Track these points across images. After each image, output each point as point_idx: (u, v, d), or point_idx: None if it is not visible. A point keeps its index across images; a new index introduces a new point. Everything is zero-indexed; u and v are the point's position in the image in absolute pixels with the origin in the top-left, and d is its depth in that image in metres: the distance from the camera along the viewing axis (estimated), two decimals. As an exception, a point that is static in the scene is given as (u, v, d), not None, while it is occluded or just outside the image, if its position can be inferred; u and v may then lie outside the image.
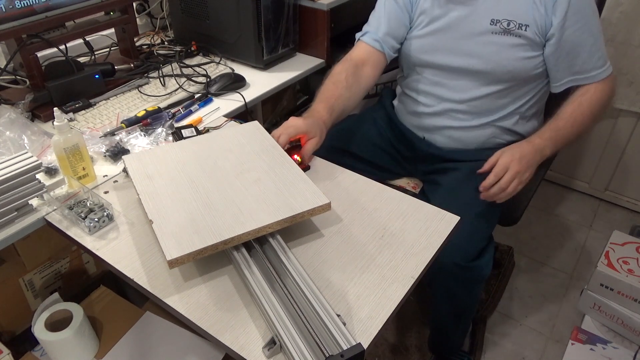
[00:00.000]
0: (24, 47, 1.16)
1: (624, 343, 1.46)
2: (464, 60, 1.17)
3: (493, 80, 1.17)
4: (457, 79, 1.20)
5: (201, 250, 0.74)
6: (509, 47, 1.12)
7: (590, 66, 1.13)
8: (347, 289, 0.77)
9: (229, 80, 1.34)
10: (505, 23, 1.11)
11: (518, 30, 1.10)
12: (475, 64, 1.16)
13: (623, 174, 2.02)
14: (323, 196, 0.84)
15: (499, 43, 1.12)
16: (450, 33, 1.17)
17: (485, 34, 1.13)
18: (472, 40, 1.15)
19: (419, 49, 1.24)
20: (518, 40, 1.11)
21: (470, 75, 1.18)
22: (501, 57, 1.13)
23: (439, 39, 1.19)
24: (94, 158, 1.07)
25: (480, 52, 1.15)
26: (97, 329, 1.11)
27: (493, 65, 1.14)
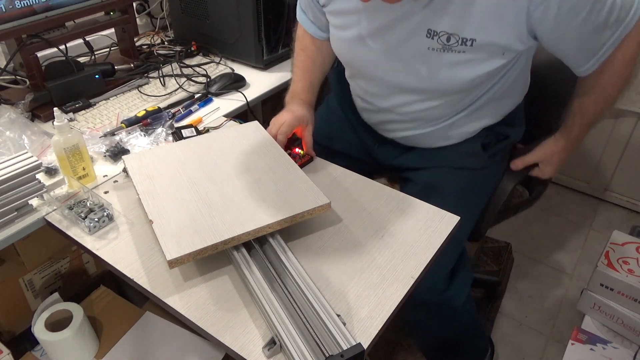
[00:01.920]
0: (24, 47, 1.16)
1: (624, 343, 1.46)
2: (394, 75, 0.98)
3: (435, 96, 0.99)
4: (390, 91, 1.03)
5: (201, 250, 0.74)
6: (448, 65, 0.91)
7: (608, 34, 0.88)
8: (347, 289, 0.77)
9: (229, 80, 1.34)
10: (444, 37, 0.88)
11: (460, 45, 0.88)
12: (411, 80, 0.97)
13: (623, 174, 2.02)
14: (323, 196, 0.84)
15: (437, 61, 0.91)
16: (375, 42, 0.96)
17: (421, 48, 0.91)
18: (404, 53, 0.94)
19: (340, 54, 1.07)
20: (462, 56, 0.90)
21: (404, 90, 1.01)
22: (443, 76, 0.93)
23: (363, 49, 0.98)
24: (94, 158, 1.07)
25: (416, 69, 0.94)
26: (97, 329, 1.11)
27: (433, 85, 0.96)
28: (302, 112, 1.06)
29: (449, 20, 0.87)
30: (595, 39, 0.89)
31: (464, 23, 0.87)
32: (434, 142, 1.11)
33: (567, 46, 0.92)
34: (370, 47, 0.97)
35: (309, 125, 1.06)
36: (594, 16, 0.85)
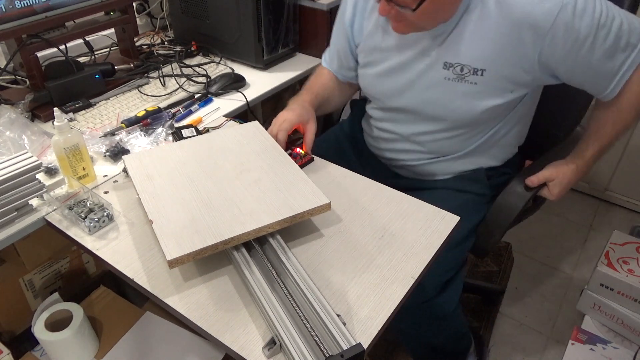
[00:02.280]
0: (24, 47, 1.16)
1: (624, 343, 1.46)
2: (415, 104, 1.07)
3: (449, 127, 1.07)
4: (410, 120, 1.11)
5: (201, 250, 0.74)
6: (463, 95, 0.99)
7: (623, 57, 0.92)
8: (347, 289, 0.77)
9: (229, 80, 1.34)
10: (458, 68, 0.97)
11: (472, 76, 0.97)
12: (428, 109, 1.06)
13: (623, 174, 2.02)
14: (323, 196, 0.84)
15: (452, 90, 1.00)
16: (399, 76, 1.07)
17: (437, 79, 1.01)
18: (423, 85, 1.03)
19: (367, 89, 1.16)
20: (474, 87, 0.98)
21: (423, 119, 1.09)
22: (456, 105, 1.01)
23: (388, 81, 1.09)
24: (94, 158, 1.07)
25: (434, 99, 1.04)
26: (97, 329, 1.11)
27: (448, 112, 1.04)
28: (303, 111, 1.06)
29: (462, 53, 0.97)
30: (610, 64, 0.93)
31: (475, 55, 0.96)
32: (440, 173, 1.17)
33: (582, 74, 0.96)
34: (395, 80, 1.08)
35: (311, 123, 1.06)
36: (600, 42, 0.89)
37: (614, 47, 0.90)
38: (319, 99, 1.16)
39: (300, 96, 1.15)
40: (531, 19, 0.88)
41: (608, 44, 0.90)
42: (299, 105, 1.09)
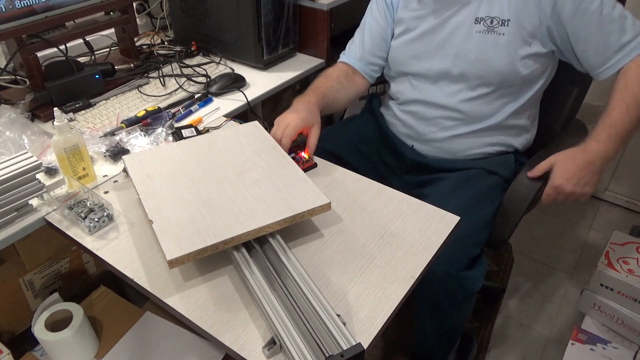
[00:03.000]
0: (24, 47, 1.16)
1: (624, 343, 1.46)
2: (448, 62, 1.13)
3: (479, 83, 1.12)
4: (443, 84, 1.17)
5: (201, 250, 0.74)
6: (493, 45, 1.07)
7: (625, 39, 1.01)
8: (347, 289, 0.77)
9: (229, 80, 1.34)
10: (488, 21, 1.07)
11: (500, 27, 1.06)
12: (461, 65, 1.12)
13: (623, 174, 2.02)
14: (323, 196, 0.84)
15: (483, 42, 1.08)
16: (432, 37, 1.14)
17: (470, 33, 1.09)
18: (456, 40, 1.11)
19: (401, 58, 1.22)
20: (502, 38, 1.06)
21: (456, 79, 1.14)
22: (487, 56, 1.09)
23: (422, 44, 1.16)
24: (94, 158, 1.07)
25: (465, 53, 1.11)
26: (97, 329, 1.11)
27: (479, 65, 1.10)
28: (307, 114, 1.05)
29: (492, 5, 1.06)
30: (614, 35, 1.01)
31: (503, 6, 1.05)
32: (469, 148, 1.18)
33: (587, 37, 1.02)
34: (429, 42, 1.15)
35: (315, 127, 1.05)
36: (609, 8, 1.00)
37: (620, 20, 1.00)
38: (324, 101, 1.16)
39: (305, 96, 1.14)
40: None
41: (615, 13, 1.00)
42: (305, 107, 1.08)
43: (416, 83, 1.21)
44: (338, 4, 1.50)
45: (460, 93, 1.15)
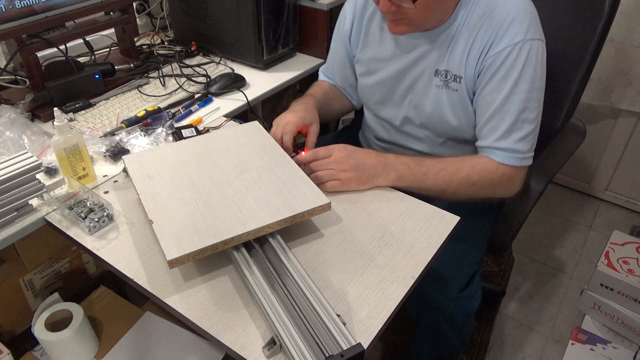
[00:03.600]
0: (24, 47, 1.16)
1: (624, 343, 1.46)
2: (410, 111, 1.10)
3: (442, 136, 1.09)
4: (409, 129, 1.14)
5: (201, 251, 0.74)
6: (448, 101, 1.03)
7: (504, 144, 0.97)
8: (347, 289, 0.77)
9: (229, 80, 1.34)
10: (444, 75, 1.01)
11: (453, 82, 1.01)
12: (421, 116, 1.09)
13: (623, 174, 2.02)
14: (323, 196, 0.84)
15: (439, 97, 1.03)
16: (395, 84, 1.10)
17: (428, 86, 1.04)
18: (417, 91, 1.07)
19: (367, 101, 1.20)
20: (456, 94, 1.01)
21: (419, 127, 1.11)
22: (443, 112, 1.04)
23: (384, 91, 1.12)
24: (94, 158, 1.07)
25: (423, 106, 1.07)
26: (97, 329, 1.11)
27: (435, 119, 1.06)
28: (305, 112, 1.06)
29: (449, 58, 1.00)
30: (503, 123, 0.96)
31: (456, 61, 0.99)
32: None
33: (477, 105, 1.00)
34: (392, 89, 1.11)
35: (314, 125, 1.06)
36: (516, 95, 0.94)
37: (517, 116, 0.95)
38: (321, 104, 1.16)
39: (302, 99, 1.16)
40: (499, 35, 0.93)
41: (516, 103, 0.94)
42: (302, 106, 1.08)
43: (386, 125, 1.19)
44: (338, 4, 1.50)
45: (426, 139, 1.13)
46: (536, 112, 0.97)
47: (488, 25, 0.94)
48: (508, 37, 0.92)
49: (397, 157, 0.97)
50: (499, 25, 0.93)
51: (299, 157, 0.97)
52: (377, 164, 0.95)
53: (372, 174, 0.95)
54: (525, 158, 0.98)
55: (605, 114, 1.94)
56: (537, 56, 0.93)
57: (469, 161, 0.98)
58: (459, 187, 0.97)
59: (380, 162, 0.96)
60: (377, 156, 0.96)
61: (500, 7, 0.93)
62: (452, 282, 1.03)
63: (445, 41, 1.00)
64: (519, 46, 0.92)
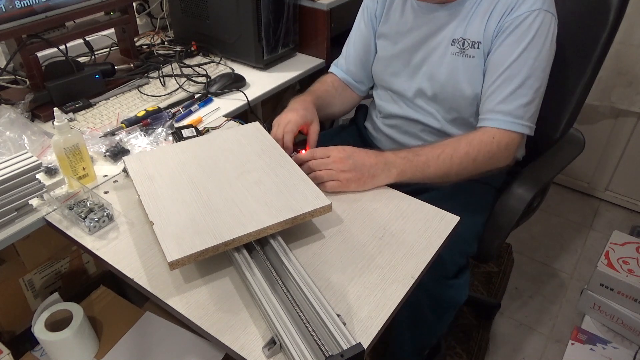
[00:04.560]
0: (24, 47, 1.16)
1: (624, 343, 1.46)
2: (424, 83, 1.11)
3: (452, 107, 1.10)
4: (420, 103, 1.14)
5: (202, 252, 0.74)
6: (463, 69, 1.04)
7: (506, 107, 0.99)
8: (347, 289, 0.77)
9: (229, 80, 1.34)
10: (461, 42, 1.04)
11: (471, 49, 1.03)
12: (434, 87, 1.10)
13: (623, 174, 2.02)
14: (324, 197, 0.84)
15: (454, 64, 1.05)
16: (411, 55, 1.12)
17: (444, 55, 1.06)
18: (432, 61, 1.09)
19: (381, 74, 1.20)
20: (473, 61, 1.03)
21: (431, 99, 1.12)
22: (457, 79, 1.05)
23: (401, 62, 1.14)
24: (94, 158, 1.07)
25: (438, 74, 1.08)
26: (97, 329, 1.11)
27: (448, 88, 1.07)
28: (306, 112, 1.06)
29: (468, 28, 1.03)
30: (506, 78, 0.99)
31: (475, 28, 1.02)
32: None
33: (488, 65, 1.03)
34: (408, 60, 1.13)
35: (314, 124, 1.06)
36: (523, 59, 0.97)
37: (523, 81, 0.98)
38: (320, 102, 1.16)
39: (302, 96, 1.15)
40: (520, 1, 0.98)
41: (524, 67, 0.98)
42: (301, 105, 1.08)
43: (397, 98, 1.20)
44: (338, 4, 1.50)
45: (437, 114, 1.13)
46: (540, 82, 1.00)
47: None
48: (528, 4, 0.97)
49: (395, 153, 0.98)
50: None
51: (298, 156, 0.97)
52: (377, 164, 0.95)
53: (373, 174, 0.95)
54: (524, 125, 1.01)
55: (605, 114, 1.94)
56: (549, 28, 0.98)
57: (464, 139, 1.00)
58: (460, 166, 0.98)
59: (380, 161, 0.96)
60: (376, 156, 0.96)
61: None
62: (442, 265, 1.00)
63: (463, 13, 1.03)
64: (536, 13, 0.96)
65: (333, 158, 0.94)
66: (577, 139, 1.21)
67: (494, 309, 1.62)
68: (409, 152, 0.98)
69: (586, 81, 1.14)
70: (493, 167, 1.02)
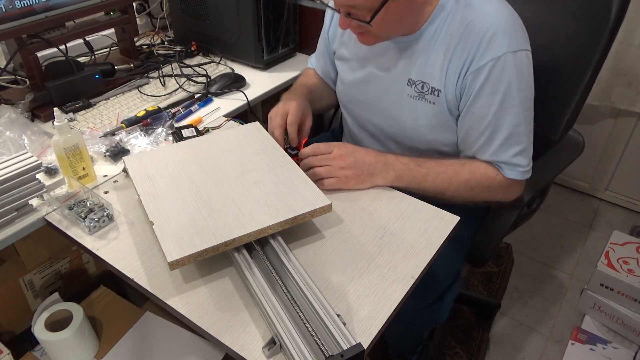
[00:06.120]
0: (24, 47, 1.16)
1: (624, 343, 1.46)
2: (382, 120, 1.07)
3: (415, 147, 1.05)
4: (382, 139, 1.11)
5: (202, 252, 0.74)
6: (423, 114, 0.98)
7: (503, 157, 0.95)
8: (347, 289, 0.77)
9: (229, 80, 1.34)
10: (419, 86, 0.97)
11: (431, 95, 0.96)
12: (394, 127, 1.05)
13: (623, 174, 2.02)
14: (324, 197, 0.84)
15: (414, 108, 0.99)
16: (367, 88, 1.06)
17: (401, 96, 1.00)
18: (389, 100, 1.03)
19: (343, 99, 1.16)
20: (433, 107, 0.97)
21: (391, 139, 1.08)
22: (418, 124, 1.00)
23: (358, 92, 1.09)
24: (94, 158, 1.07)
25: (397, 115, 1.03)
26: (97, 329, 1.11)
27: (410, 132, 1.02)
28: (304, 103, 1.04)
29: (424, 69, 0.95)
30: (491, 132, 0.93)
31: (435, 73, 0.94)
32: None
33: (466, 122, 0.96)
34: (364, 92, 1.07)
35: (308, 118, 1.05)
36: (505, 104, 0.90)
37: (512, 130, 0.92)
38: (312, 96, 1.14)
39: (295, 90, 1.13)
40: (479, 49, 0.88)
41: (509, 117, 0.91)
42: (297, 97, 1.06)
43: (358, 129, 1.16)
44: (338, 4, 1.49)
45: (397, 150, 1.08)
46: (529, 124, 0.95)
47: (467, 38, 0.89)
48: (491, 52, 0.87)
49: (397, 157, 0.97)
50: (479, 40, 0.87)
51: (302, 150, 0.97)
52: (377, 163, 0.95)
53: (371, 173, 0.94)
54: (526, 172, 0.97)
55: (605, 114, 1.94)
56: (523, 67, 0.89)
57: (469, 165, 0.97)
58: (457, 190, 0.96)
59: (380, 160, 0.95)
60: (377, 155, 0.96)
61: (479, 18, 0.88)
62: (425, 294, 0.99)
63: (418, 50, 0.95)
64: (503, 59, 0.87)
65: (334, 154, 0.94)
66: (576, 140, 1.21)
67: (494, 309, 1.62)
68: (411, 160, 0.96)
69: (586, 82, 1.12)
70: (491, 200, 0.99)
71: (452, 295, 1.06)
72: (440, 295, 1.04)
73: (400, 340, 1.27)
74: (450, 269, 1.06)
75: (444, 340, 1.53)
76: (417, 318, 1.05)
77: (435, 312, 1.04)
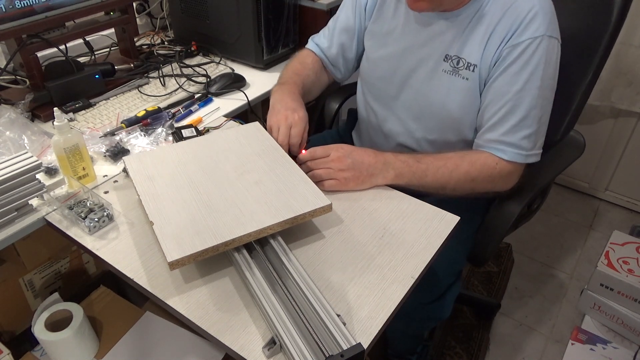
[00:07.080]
0: (24, 47, 1.16)
1: (624, 343, 1.46)
2: (411, 96, 1.07)
3: (438, 127, 1.06)
4: (403, 118, 1.10)
5: (202, 252, 0.74)
6: (455, 89, 0.99)
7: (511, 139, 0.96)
8: (347, 289, 0.77)
9: (229, 80, 1.34)
10: (455, 61, 0.98)
11: (465, 70, 0.97)
12: (421, 103, 1.05)
13: (623, 174, 2.02)
14: (324, 197, 0.84)
15: (446, 83, 1.00)
16: (399, 62, 1.06)
17: (435, 70, 1.01)
18: (421, 74, 1.04)
19: (368, 77, 1.15)
20: (466, 83, 0.98)
21: (415, 117, 1.08)
22: (448, 99, 1.01)
23: (389, 67, 1.08)
24: (94, 158, 1.07)
25: (427, 91, 1.03)
26: (97, 329, 1.11)
27: (438, 109, 1.03)
28: (304, 114, 1.03)
29: (463, 46, 0.97)
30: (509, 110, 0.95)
31: (473, 49, 0.96)
32: None
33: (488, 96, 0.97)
34: (395, 66, 1.07)
35: (307, 126, 1.04)
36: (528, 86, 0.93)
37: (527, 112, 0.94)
38: (304, 90, 1.13)
39: (287, 86, 1.11)
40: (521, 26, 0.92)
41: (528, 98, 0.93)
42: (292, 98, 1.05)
43: (377, 106, 1.15)
44: (338, 4, 1.48)
45: (416, 132, 1.09)
46: (545, 112, 0.96)
47: (511, 15, 0.93)
48: (530, 30, 0.91)
49: (396, 155, 0.97)
50: (522, 16, 0.92)
51: (299, 156, 0.97)
52: (376, 163, 0.95)
53: (371, 173, 0.94)
54: (529, 155, 0.98)
55: (605, 114, 1.94)
56: (553, 55, 0.94)
57: (468, 157, 0.98)
58: (458, 183, 0.97)
59: (379, 160, 0.95)
60: (376, 155, 0.96)
61: None
62: (428, 290, 1.00)
63: (462, 25, 0.97)
64: (539, 40, 0.91)
65: (332, 157, 0.94)
66: (577, 141, 1.20)
67: (494, 309, 1.62)
68: (410, 157, 0.97)
69: (587, 83, 1.12)
70: (491, 191, 1.00)
71: (453, 293, 1.06)
72: (442, 294, 1.04)
73: (401, 338, 1.27)
74: (452, 267, 1.06)
75: (444, 340, 1.53)
76: (419, 314, 1.05)
77: (437, 309, 1.04)
